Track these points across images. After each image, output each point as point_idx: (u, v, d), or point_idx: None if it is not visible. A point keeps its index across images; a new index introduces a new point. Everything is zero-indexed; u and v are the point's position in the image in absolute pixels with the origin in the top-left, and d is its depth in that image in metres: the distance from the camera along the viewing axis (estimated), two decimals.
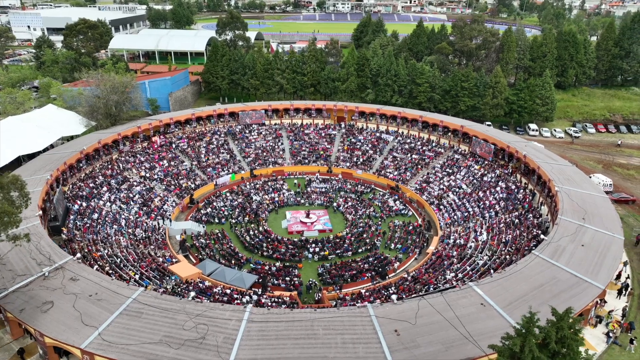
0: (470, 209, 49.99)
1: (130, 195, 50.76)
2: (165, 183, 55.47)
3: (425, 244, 46.62)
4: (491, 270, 35.93)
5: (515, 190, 50.07)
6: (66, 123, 59.50)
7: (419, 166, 60.88)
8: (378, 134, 67.74)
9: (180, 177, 57.38)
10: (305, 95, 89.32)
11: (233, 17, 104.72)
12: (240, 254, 44.12)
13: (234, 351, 24.31)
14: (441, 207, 52.21)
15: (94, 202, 46.47)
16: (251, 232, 47.91)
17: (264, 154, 65.02)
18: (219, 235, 47.41)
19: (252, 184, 59.16)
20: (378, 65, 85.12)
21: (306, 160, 64.66)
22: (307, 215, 51.39)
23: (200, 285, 35.91)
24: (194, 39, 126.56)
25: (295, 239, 46.97)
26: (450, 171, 57.89)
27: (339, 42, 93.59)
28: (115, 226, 43.87)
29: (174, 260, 40.55)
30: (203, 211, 52.31)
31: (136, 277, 35.25)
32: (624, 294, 36.13)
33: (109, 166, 53.71)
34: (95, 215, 44.19)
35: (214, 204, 54.12)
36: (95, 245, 38.95)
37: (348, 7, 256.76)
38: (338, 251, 44.94)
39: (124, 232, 43.60)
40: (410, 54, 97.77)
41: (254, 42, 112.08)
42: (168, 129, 63.32)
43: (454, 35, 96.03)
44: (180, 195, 54.62)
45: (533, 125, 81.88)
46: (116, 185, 50.87)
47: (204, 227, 49.26)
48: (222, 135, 66.39)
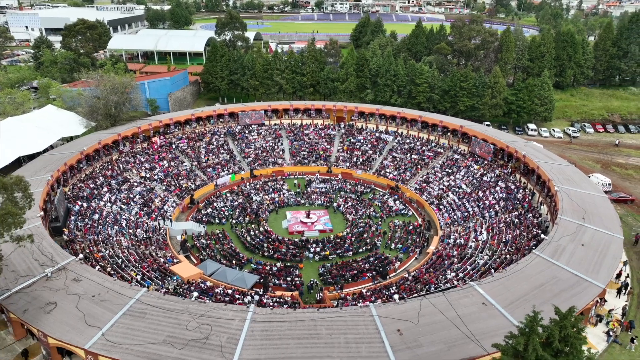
0: (470, 209, 50.18)
1: (131, 195, 50.77)
2: (165, 183, 55.49)
3: (426, 244, 46.79)
4: (492, 270, 36.06)
5: (515, 190, 50.27)
6: (66, 124, 59.53)
7: (419, 166, 61.03)
8: (377, 134, 67.87)
9: (180, 178, 57.40)
10: (305, 95, 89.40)
11: (232, 18, 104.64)
12: (241, 254, 44.19)
13: (237, 351, 24.41)
14: (441, 207, 52.39)
15: (95, 203, 46.51)
16: (252, 233, 47.99)
17: (264, 154, 65.07)
18: (220, 235, 47.47)
19: (252, 185, 59.22)
20: (377, 65, 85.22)
21: (306, 161, 64.74)
22: (308, 216, 51.50)
23: (202, 285, 35.99)
24: (193, 39, 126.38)
25: (296, 239, 47.06)
26: (450, 171, 58.06)
27: (337, 42, 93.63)
28: (116, 227, 43.91)
29: (175, 260, 40.62)
30: (203, 211, 52.35)
31: (138, 278, 35.33)
32: (623, 293, 36.43)
33: (109, 167, 53.71)
34: (96, 216, 44.23)
35: (215, 204, 54.17)
36: (96, 245, 39.00)
37: (346, 7, 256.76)
38: (339, 251, 45.07)
39: (125, 233, 43.64)
40: (409, 54, 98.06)
41: (252, 43, 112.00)
42: (168, 129, 63.34)
43: (453, 35, 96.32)
44: (181, 195, 54.66)
45: (532, 125, 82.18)
46: (116, 186, 50.87)
47: (204, 228, 49.28)
48: (222, 135, 66.41)
